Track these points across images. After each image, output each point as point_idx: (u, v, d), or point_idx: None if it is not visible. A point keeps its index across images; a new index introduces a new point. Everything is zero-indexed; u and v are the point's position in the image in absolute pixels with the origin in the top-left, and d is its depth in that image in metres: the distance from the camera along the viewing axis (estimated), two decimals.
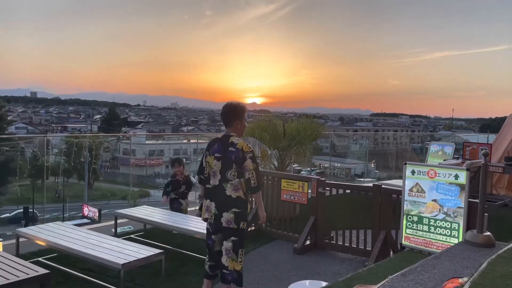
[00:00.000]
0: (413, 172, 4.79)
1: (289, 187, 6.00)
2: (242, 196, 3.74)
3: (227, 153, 3.76)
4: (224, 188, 3.73)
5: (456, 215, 4.51)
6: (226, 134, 3.87)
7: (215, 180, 3.79)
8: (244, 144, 3.77)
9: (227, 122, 3.89)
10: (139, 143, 45.26)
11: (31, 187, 30.60)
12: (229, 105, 3.92)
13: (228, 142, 3.79)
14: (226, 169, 3.74)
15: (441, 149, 9.13)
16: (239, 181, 3.73)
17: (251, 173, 3.69)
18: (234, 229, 3.73)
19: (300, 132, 7.40)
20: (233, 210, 3.71)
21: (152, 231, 6.17)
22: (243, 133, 4.00)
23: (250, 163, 3.70)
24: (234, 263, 3.77)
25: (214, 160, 3.81)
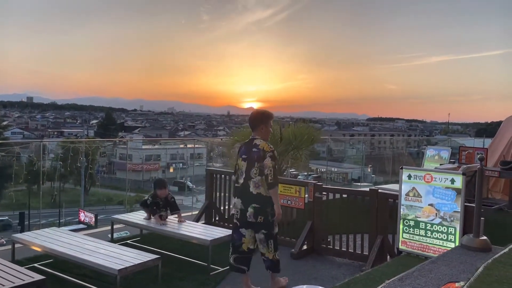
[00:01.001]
0: (410, 176, 4.81)
1: (286, 192, 5.99)
2: (262, 192, 4.09)
3: (251, 153, 4.15)
4: (248, 185, 4.12)
5: (453, 219, 4.52)
6: (251, 137, 4.27)
7: (242, 179, 4.20)
8: (266, 145, 4.13)
9: (253, 126, 4.29)
10: (136, 148, 45.17)
11: (27, 192, 30.48)
12: (256, 111, 4.36)
13: (252, 144, 4.19)
14: (250, 168, 4.12)
15: (437, 154, 9.14)
16: (260, 178, 4.08)
17: (269, 170, 4.03)
18: (254, 223, 4.11)
19: (297, 137, 7.41)
20: (253, 205, 4.09)
21: (148, 236, 6.14)
22: (267, 137, 4.32)
23: (269, 161, 4.04)
24: (267, 252, 4.20)
25: (241, 161, 4.22)
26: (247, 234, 4.21)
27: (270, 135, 4.44)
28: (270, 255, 4.21)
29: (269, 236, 4.17)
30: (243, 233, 4.22)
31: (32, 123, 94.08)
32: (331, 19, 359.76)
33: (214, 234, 5.23)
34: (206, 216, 6.97)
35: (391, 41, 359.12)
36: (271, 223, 4.16)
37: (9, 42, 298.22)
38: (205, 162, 17.85)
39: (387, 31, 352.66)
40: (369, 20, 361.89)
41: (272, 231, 4.19)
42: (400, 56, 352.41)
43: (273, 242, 4.19)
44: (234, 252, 4.28)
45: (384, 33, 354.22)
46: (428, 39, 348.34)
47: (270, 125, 4.32)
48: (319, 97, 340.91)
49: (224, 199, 7.00)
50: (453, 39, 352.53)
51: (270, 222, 4.15)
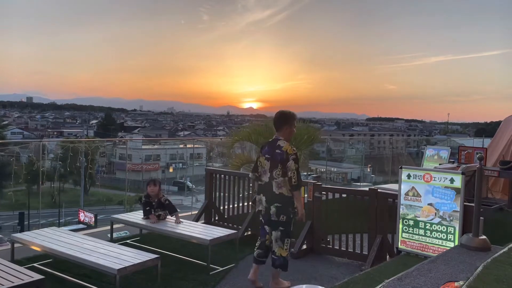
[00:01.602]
0: (409, 176, 4.81)
1: None
2: (284, 192, 4.24)
3: (274, 154, 4.27)
4: (272, 185, 4.27)
5: (452, 219, 4.53)
6: (275, 137, 4.38)
7: (265, 178, 4.35)
8: (289, 147, 4.25)
9: (277, 126, 4.40)
10: (135, 148, 45.15)
11: (27, 192, 30.46)
12: (280, 112, 4.46)
13: (276, 145, 4.30)
14: (273, 168, 4.26)
15: (437, 153, 9.15)
16: (283, 179, 4.22)
17: (292, 172, 4.16)
18: (275, 221, 4.27)
19: (297, 137, 7.42)
20: (275, 204, 4.25)
21: (148, 236, 6.14)
22: (290, 138, 4.44)
23: (293, 163, 4.17)
24: (281, 250, 4.32)
25: (264, 160, 4.36)
26: (269, 231, 4.41)
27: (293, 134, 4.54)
28: (284, 253, 4.34)
29: (286, 234, 4.32)
30: (267, 230, 4.43)
31: (31, 123, 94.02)
32: (331, 19, 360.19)
33: (214, 234, 5.23)
34: (206, 216, 6.97)
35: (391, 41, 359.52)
36: (290, 222, 4.32)
37: (9, 42, 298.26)
38: (204, 162, 17.85)
39: (386, 31, 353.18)
40: (368, 20, 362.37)
41: (289, 230, 4.35)
42: (399, 56, 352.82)
43: (289, 241, 4.35)
44: (260, 247, 4.49)
45: (383, 33, 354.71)
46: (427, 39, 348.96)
47: (294, 126, 4.45)
48: (318, 97, 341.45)
49: (223, 199, 7.00)
50: (452, 39, 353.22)
51: (290, 221, 4.31)
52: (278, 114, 4.44)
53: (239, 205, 6.88)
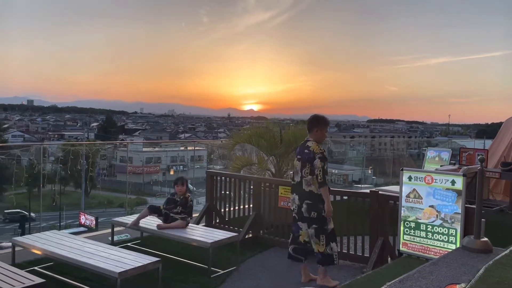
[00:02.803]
0: (410, 178, 4.80)
1: (286, 194, 5.98)
2: (313, 190, 4.44)
3: (303, 154, 4.54)
4: (301, 183, 4.51)
5: (453, 221, 4.51)
6: (306, 139, 4.67)
7: (297, 177, 4.60)
8: (316, 147, 4.50)
9: (309, 128, 4.69)
10: (136, 151, 45.15)
11: (28, 195, 30.45)
12: (315, 115, 4.76)
13: (305, 145, 4.59)
14: (303, 167, 4.51)
15: (438, 155, 9.14)
16: (312, 177, 4.43)
17: (318, 170, 4.39)
18: (308, 218, 4.47)
19: (298, 139, 7.40)
20: (306, 201, 4.48)
21: (149, 239, 6.14)
22: (321, 141, 4.66)
23: (319, 162, 4.40)
24: (317, 246, 4.49)
25: (296, 161, 4.64)
26: (303, 228, 4.57)
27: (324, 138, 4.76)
28: (321, 248, 4.47)
29: (320, 230, 4.47)
30: (300, 227, 4.59)
31: (32, 126, 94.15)
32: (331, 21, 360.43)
33: (215, 237, 5.22)
34: (207, 218, 6.97)
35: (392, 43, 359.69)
36: (323, 218, 4.47)
37: (9, 45, 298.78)
38: (205, 164, 17.83)
39: (387, 33, 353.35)
40: (369, 22, 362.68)
41: (324, 226, 4.49)
42: (400, 57, 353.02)
43: (325, 236, 4.48)
44: (292, 243, 4.68)
45: (384, 34, 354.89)
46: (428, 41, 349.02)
47: (325, 130, 4.70)
48: (319, 99, 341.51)
49: (224, 201, 7.00)
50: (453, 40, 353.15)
51: (322, 217, 4.47)
52: (311, 117, 4.73)
53: (240, 207, 6.87)
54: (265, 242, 6.26)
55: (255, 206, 6.54)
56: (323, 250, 4.49)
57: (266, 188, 6.45)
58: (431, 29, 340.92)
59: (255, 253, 5.84)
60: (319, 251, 4.50)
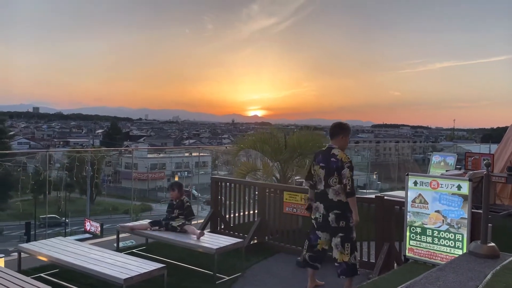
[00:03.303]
0: (416, 183, 4.78)
1: (291, 200, 5.98)
2: (342, 199, 4.36)
3: (329, 163, 4.41)
4: (327, 192, 4.40)
5: (460, 226, 4.48)
6: (329, 146, 4.54)
7: (321, 186, 4.48)
8: (344, 155, 4.41)
9: (333, 134, 4.56)
10: (141, 157, 45.27)
11: (33, 202, 30.56)
12: (338, 122, 4.67)
13: (330, 153, 4.45)
14: (329, 176, 4.39)
15: (443, 160, 9.11)
16: (340, 187, 4.35)
17: (347, 180, 4.31)
18: (335, 227, 4.37)
19: (302, 144, 7.40)
20: (335, 211, 4.37)
21: (154, 245, 6.14)
22: (344, 148, 4.57)
23: (347, 171, 4.32)
24: (342, 255, 4.38)
25: (319, 169, 4.49)
26: (322, 237, 4.50)
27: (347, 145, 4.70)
28: (346, 258, 4.38)
29: (346, 239, 4.39)
30: (319, 236, 4.52)
31: (38, 133, 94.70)
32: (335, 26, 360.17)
33: (220, 243, 5.21)
34: (212, 224, 6.96)
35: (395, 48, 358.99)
36: (350, 227, 4.42)
37: (15, 53, 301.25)
38: (210, 170, 17.84)
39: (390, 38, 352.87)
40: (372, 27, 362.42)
41: (350, 235, 4.42)
42: (404, 62, 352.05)
43: (350, 245, 4.40)
44: (309, 250, 4.60)
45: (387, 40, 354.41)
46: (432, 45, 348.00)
47: (348, 137, 4.65)
48: (323, 104, 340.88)
49: (229, 207, 6.99)
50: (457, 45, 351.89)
51: (349, 227, 4.41)
52: (336, 123, 4.64)
53: (245, 213, 6.87)
54: (270, 248, 6.24)
55: (260, 212, 6.53)
56: (348, 259, 4.39)
57: (271, 193, 6.45)
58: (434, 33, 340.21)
59: (260, 259, 5.82)
60: (343, 260, 4.39)
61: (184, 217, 5.67)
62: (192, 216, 5.77)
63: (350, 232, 4.42)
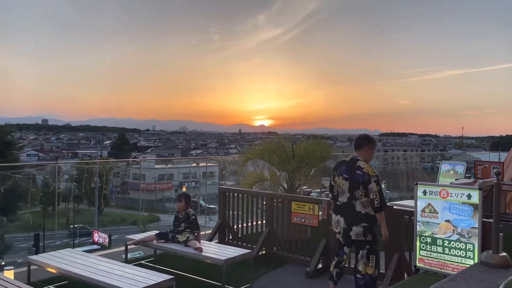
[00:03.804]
0: (425, 192, 4.74)
1: (299, 210, 5.96)
2: (369, 212, 4.26)
3: (354, 175, 4.27)
4: (354, 205, 4.27)
5: (471, 235, 4.43)
6: (354, 157, 4.41)
7: (343, 198, 4.35)
8: (370, 169, 4.29)
9: (358, 145, 4.46)
10: (149, 168, 45.41)
11: (42, 213, 30.72)
12: (365, 134, 4.63)
13: (355, 166, 4.31)
14: (354, 188, 4.27)
15: (452, 168, 9.04)
16: (367, 199, 4.23)
17: (375, 194, 4.19)
18: (362, 241, 4.27)
19: (309, 154, 7.39)
20: (362, 224, 4.25)
21: (162, 256, 6.13)
22: (369, 161, 4.47)
23: (375, 185, 4.20)
24: (366, 267, 4.30)
25: (342, 180, 4.36)
26: (348, 252, 4.45)
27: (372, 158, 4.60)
28: (370, 270, 4.30)
29: (372, 251, 4.32)
30: (345, 251, 4.46)
31: (47, 145, 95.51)
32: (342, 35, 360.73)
33: (228, 254, 5.19)
34: (220, 235, 6.95)
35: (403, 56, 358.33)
36: (376, 241, 4.35)
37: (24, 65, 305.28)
38: (217, 180, 17.86)
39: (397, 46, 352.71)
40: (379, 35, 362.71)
41: (375, 247, 4.36)
42: (412, 70, 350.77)
43: (375, 258, 4.33)
44: (336, 266, 4.52)
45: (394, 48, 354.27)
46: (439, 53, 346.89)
47: (374, 152, 4.58)
48: (330, 113, 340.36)
49: (237, 217, 6.97)
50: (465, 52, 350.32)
51: (376, 240, 4.34)
52: (362, 135, 4.56)
53: (253, 223, 6.85)
54: (279, 258, 6.21)
55: (268, 222, 6.51)
56: (372, 272, 4.31)
57: (278, 203, 6.43)
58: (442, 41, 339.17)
59: (269, 270, 5.79)
60: (367, 272, 4.31)
61: (191, 231, 5.63)
62: (198, 230, 5.74)
63: (375, 244, 4.35)
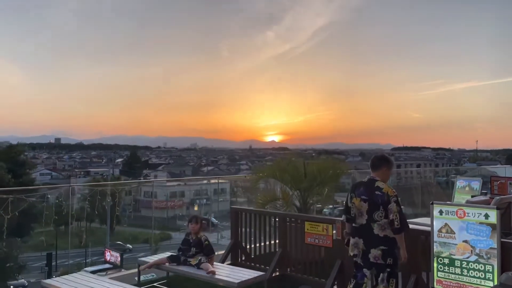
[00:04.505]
0: (441, 212, 4.65)
1: (313, 230, 5.88)
2: (388, 234, 4.17)
3: (373, 196, 4.21)
4: (372, 227, 4.19)
5: (489, 256, 4.32)
6: (371, 178, 4.35)
7: (362, 220, 4.26)
8: (390, 189, 4.23)
9: (376, 166, 4.40)
10: (160, 185, 45.58)
11: (55, 233, 30.85)
12: (382, 154, 4.59)
13: (374, 186, 4.25)
14: (374, 210, 4.19)
15: (468, 185, 8.87)
16: (386, 221, 4.15)
17: (394, 215, 4.13)
18: (382, 264, 4.18)
19: (322, 172, 7.36)
20: (381, 247, 4.17)
21: (175, 278, 6.09)
22: (387, 180, 4.41)
23: (395, 206, 4.13)
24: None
25: (360, 202, 4.27)
26: (368, 274, 4.33)
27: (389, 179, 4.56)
28: None
29: (392, 274, 4.26)
30: (365, 273, 4.33)
31: (60, 164, 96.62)
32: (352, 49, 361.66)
33: (241, 276, 5.14)
34: (232, 255, 6.88)
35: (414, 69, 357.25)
36: (397, 264, 4.28)
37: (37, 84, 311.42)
38: (228, 197, 17.83)
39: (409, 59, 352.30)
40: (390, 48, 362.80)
41: (396, 270, 4.30)
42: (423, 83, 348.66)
43: (395, 281, 4.28)
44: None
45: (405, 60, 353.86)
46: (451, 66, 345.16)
47: (391, 171, 4.52)
48: (341, 127, 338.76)
49: (249, 238, 6.91)
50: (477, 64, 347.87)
51: (397, 263, 4.27)
52: (379, 156, 4.51)
53: (265, 243, 6.78)
54: (293, 280, 6.11)
55: (281, 243, 6.43)
56: None
57: (291, 223, 6.36)
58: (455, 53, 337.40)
59: None
60: None
61: (204, 255, 5.58)
62: (213, 254, 5.69)
63: (396, 267, 4.29)
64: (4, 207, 7.08)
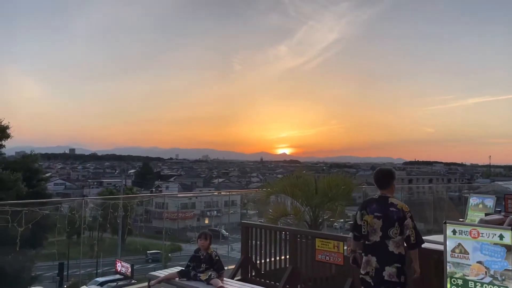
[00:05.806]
0: (454, 232, 4.58)
1: (323, 247, 5.84)
2: (402, 252, 4.18)
3: (388, 212, 4.19)
4: (387, 244, 4.16)
5: (504, 278, 4.23)
6: (383, 195, 4.31)
7: (375, 237, 4.22)
8: (404, 205, 4.26)
9: (384, 184, 4.36)
10: (171, 197, 45.69)
11: (66, 243, 31.06)
12: (384, 169, 4.47)
13: (388, 203, 4.24)
14: (388, 227, 4.16)
15: (481, 202, 8.74)
16: (401, 238, 4.16)
17: (410, 231, 4.16)
18: (397, 282, 4.14)
19: (333, 188, 7.32)
20: (396, 265, 4.15)
21: None
22: (393, 192, 4.40)
23: (410, 222, 4.17)
24: None
25: (374, 219, 4.24)
26: None
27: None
28: None
29: None
30: None
31: (73, 174, 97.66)
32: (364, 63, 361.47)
33: None
34: (242, 271, 6.86)
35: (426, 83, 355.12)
36: (405, 282, 4.25)
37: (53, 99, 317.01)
38: (239, 210, 17.81)
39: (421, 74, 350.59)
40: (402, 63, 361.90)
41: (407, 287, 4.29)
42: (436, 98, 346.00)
43: None
44: None
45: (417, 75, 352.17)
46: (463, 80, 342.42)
47: None
48: (352, 141, 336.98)
49: (260, 253, 6.88)
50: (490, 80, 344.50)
51: (404, 282, 4.23)
52: (383, 172, 4.42)
53: (276, 259, 6.74)
54: None
55: (291, 259, 6.40)
56: None
57: (302, 239, 6.33)
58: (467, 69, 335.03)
59: None
60: None
61: (214, 270, 5.57)
62: (223, 270, 5.67)
63: (407, 286, 4.27)
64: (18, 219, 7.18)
